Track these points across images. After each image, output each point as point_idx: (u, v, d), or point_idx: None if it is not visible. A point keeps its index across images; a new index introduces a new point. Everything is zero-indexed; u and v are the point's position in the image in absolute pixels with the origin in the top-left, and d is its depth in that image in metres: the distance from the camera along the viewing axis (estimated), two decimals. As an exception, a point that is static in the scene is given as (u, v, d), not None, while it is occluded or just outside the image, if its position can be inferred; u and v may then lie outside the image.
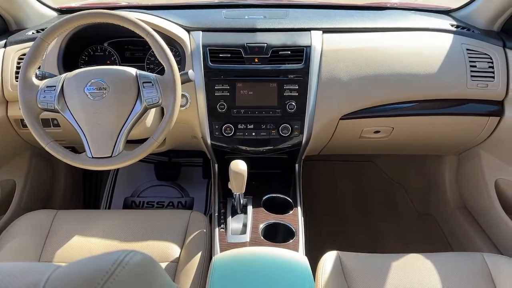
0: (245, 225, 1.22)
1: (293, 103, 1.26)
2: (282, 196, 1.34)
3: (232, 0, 1.60)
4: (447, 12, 1.55)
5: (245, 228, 1.21)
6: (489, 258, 1.11)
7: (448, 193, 1.81)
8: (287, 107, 1.26)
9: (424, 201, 1.99)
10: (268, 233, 1.20)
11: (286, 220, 1.24)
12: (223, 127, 1.28)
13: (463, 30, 1.39)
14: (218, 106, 1.26)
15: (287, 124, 1.28)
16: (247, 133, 1.29)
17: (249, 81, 1.26)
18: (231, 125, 1.28)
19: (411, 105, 1.31)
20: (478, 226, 1.64)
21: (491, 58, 1.30)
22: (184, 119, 1.27)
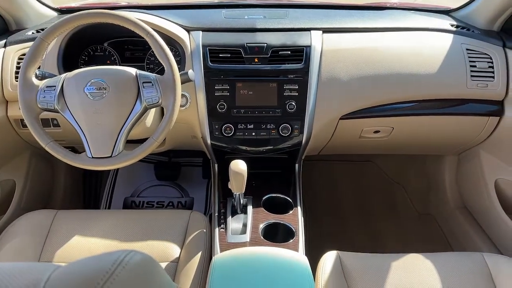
0: (245, 225, 1.22)
1: (293, 103, 1.26)
2: (282, 196, 1.34)
3: (232, 0, 1.60)
4: (447, 12, 1.56)
5: (245, 228, 1.21)
6: (489, 258, 1.11)
7: (448, 193, 1.81)
8: (287, 107, 1.26)
9: (424, 201, 1.99)
10: (268, 233, 1.20)
11: (286, 220, 1.24)
12: (223, 127, 1.28)
13: (463, 30, 1.39)
14: (218, 106, 1.26)
15: (287, 124, 1.28)
16: (247, 133, 1.29)
17: (249, 81, 1.26)
18: (231, 125, 1.28)
19: (411, 105, 1.31)
20: (478, 226, 1.64)
21: (491, 58, 1.30)
22: (184, 119, 1.27)
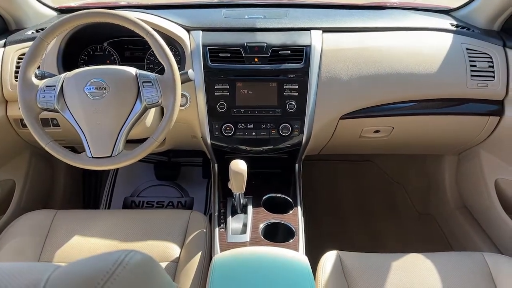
0: (245, 225, 1.22)
1: (293, 103, 1.26)
2: (282, 196, 1.33)
3: (232, 0, 1.60)
4: (447, 11, 1.56)
5: (245, 228, 1.20)
6: (490, 258, 1.11)
7: (448, 193, 1.81)
8: (287, 107, 1.26)
9: (424, 201, 1.99)
10: (268, 232, 1.20)
11: (286, 219, 1.24)
12: (223, 126, 1.28)
13: (463, 29, 1.39)
14: (218, 106, 1.26)
15: (287, 124, 1.28)
16: (247, 133, 1.29)
17: (249, 80, 1.26)
18: (231, 125, 1.28)
19: (411, 104, 1.31)
20: (478, 225, 1.64)
21: (491, 57, 1.30)
22: (184, 118, 1.27)
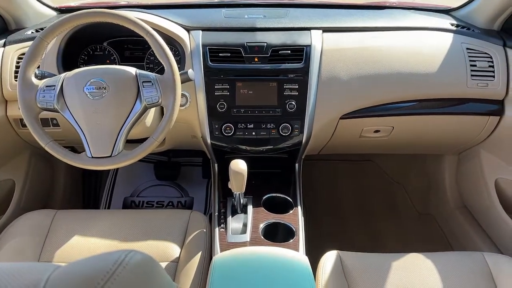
0: (245, 225, 1.21)
1: (293, 103, 1.26)
2: (282, 196, 1.33)
3: (232, 0, 1.60)
4: (447, 11, 1.55)
5: (245, 228, 1.20)
6: (490, 258, 1.10)
7: (448, 193, 1.81)
8: (287, 107, 1.26)
9: (424, 201, 1.99)
10: (268, 232, 1.20)
11: (286, 219, 1.24)
12: (223, 126, 1.28)
13: (463, 29, 1.39)
14: (218, 106, 1.26)
15: (287, 124, 1.28)
16: (247, 133, 1.29)
17: (249, 80, 1.26)
18: (231, 125, 1.28)
19: (411, 104, 1.31)
20: (478, 225, 1.64)
21: (491, 57, 1.30)
22: (184, 118, 1.27)
